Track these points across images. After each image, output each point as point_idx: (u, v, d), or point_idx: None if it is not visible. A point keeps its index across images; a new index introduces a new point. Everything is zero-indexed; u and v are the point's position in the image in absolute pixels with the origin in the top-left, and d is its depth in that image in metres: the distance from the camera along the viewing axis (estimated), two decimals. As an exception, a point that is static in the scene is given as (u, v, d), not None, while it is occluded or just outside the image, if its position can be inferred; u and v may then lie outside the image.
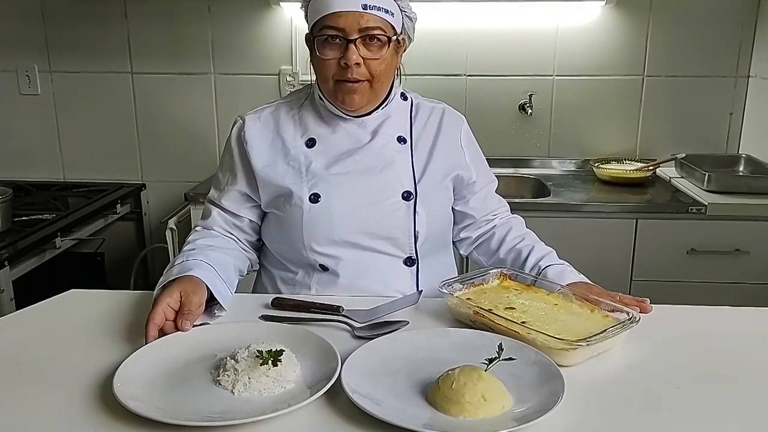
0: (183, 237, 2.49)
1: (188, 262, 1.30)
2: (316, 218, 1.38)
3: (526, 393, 0.97)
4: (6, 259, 2.05)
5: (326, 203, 1.38)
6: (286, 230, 1.43)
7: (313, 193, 1.39)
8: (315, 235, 1.39)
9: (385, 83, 1.40)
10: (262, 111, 1.48)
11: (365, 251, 1.41)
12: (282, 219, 1.43)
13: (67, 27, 2.87)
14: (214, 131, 2.95)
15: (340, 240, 1.40)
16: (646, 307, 1.28)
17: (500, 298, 1.27)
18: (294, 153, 1.43)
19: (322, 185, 1.39)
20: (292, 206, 1.40)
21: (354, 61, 1.31)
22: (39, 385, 1.02)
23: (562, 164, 2.89)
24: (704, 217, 2.32)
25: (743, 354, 1.15)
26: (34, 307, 1.32)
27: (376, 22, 1.32)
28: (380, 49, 1.34)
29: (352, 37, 1.31)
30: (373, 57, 1.33)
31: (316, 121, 1.45)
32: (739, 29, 2.73)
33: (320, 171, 1.40)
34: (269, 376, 0.99)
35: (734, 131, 2.84)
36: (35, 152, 3.01)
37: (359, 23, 1.31)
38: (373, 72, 1.34)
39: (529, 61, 2.81)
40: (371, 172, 1.41)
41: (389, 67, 1.38)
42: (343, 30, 1.31)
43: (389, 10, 1.34)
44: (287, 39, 2.82)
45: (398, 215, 1.41)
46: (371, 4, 1.31)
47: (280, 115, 1.47)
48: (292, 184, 1.40)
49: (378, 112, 1.45)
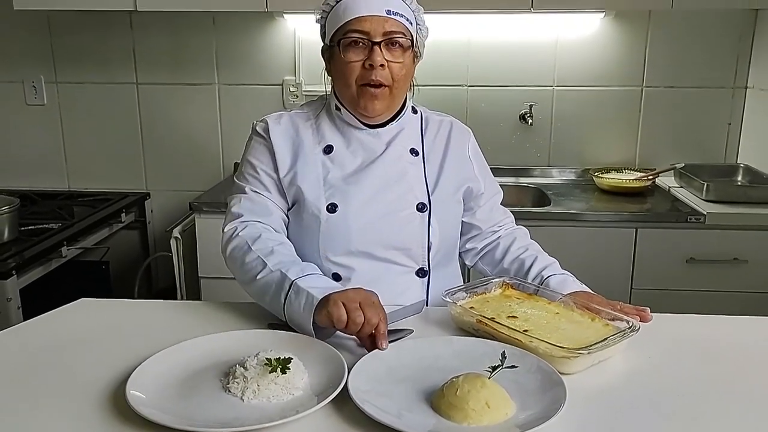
0: (187, 246, 2.52)
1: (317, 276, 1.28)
2: (333, 228, 1.41)
3: (528, 400, 0.99)
4: (13, 268, 2.07)
5: (343, 213, 1.41)
6: (303, 238, 1.44)
7: (330, 203, 1.41)
8: (331, 244, 1.42)
9: (403, 89, 1.44)
10: (280, 116, 1.50)
11: (379, 262, 1.43)
12: (298, 227, 1.45)
13: (73, 38, 2.91)
14: (218, 141, 2.97)
15: (355, 250, 1.42)
16: (647, 316, 1.29)
17: (503, 307, 1.29)
18: (313, 159, 1.45)
19: (339, 196, 1.42)
20: (310, 215, 1.42)
21: (379, 62, 1.36)
22: (51, 393, 1.04)
23: (562, 173, 2.92)
24: (703, 227, 2.34)
25: (742, 362, 1.16)
26: (45, 316, 1.34)
27: (399, 27, 1.37)
28: (402, 54, 1.39)
29: (377, 39, 1.36)
30: (396, 60, 1.38)
31: (332, 131, 1.48)
32: (736, 41, 2.77)
33: (337, 182, 1.43)
34: (278, 383, 1.02)
35: (732, 141, 2.87)
36: (41, 162, 3.04)
37: (384, 27, 1.36)
38: (395, 76, 1.38)
39: (530, 72, 2.84)
40: (386, 184, 1.44)
41: (408, 73, 1.42)
42: (369, 33, 1.36)
43: (409, 18, 1.40)
44: (290, 50, 2.85)
45: (413, 226, 1.43)
46: (394, 10, 1.37)
47: (299, 122, 1.50)
48: (309, 191, 1.42)
49: (393, 124, 1.48)
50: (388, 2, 1.37)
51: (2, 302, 2.03)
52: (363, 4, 1.36)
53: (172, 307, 1.46)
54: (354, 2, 1.37)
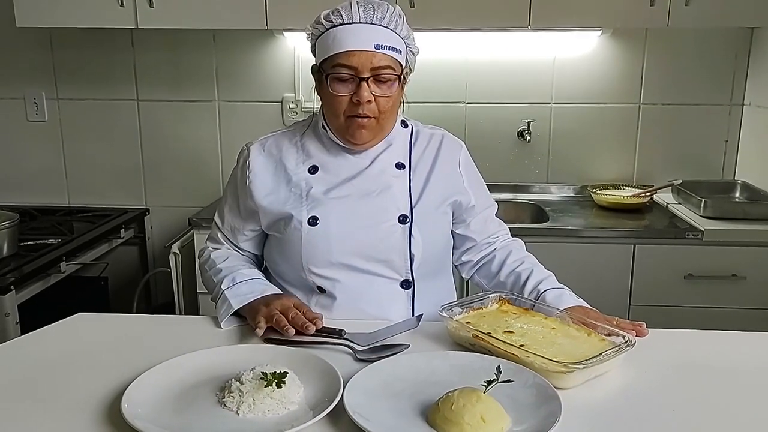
0: (186, 262, 2.53)
1: (257, 281, 1.46)
2: (314, 240, 1.42)
3: (524, 414, 0.99)
4: (12, 283, 2.07)
5: (324, 226, 1.42)
6: (286, 252, 1.46)
7: (311, 216, 1.42)
8: (313, 257, 1.43)
9: (390, 119, 1.45)
10: (266, 140, 1.53)
11: (362, 274, 1.44)
12: (281, 241, 1.47)
13: (75, 55, 2.93)
14: (218, 157, 2.99)
15: (337, 262, 1.43)
16: (643, 331, 1.30)
17: (499, 322, 1.29)
18: (296, 180, 1.47)
19: (321, 209, 1.43)
20: (292, 229, 1.43)
21: (366, 99, 1.36)
22: (48, 407, 1.04)
23: (560, 190, 2.93)
24: (701, 243, 2.35)
25: (739, 378, 1.16)
26: (42, 330, 1.35)
27: (387, 62, 1.37)
28: (390, 87, 1.39)
29: (365, 75, 1.35)
30: (383, 95, 1.38)
31: (318, 148, 1.49)
32: (733, 58, 2.79)
33: (319, 195, 1.44)
34: (273, 397, 1.02)
35: (730, 158, 2.89)
36: (41, 178, 3.06)
37: (371, 62, 1.35)
38: (381, 109, 1.39)
39: (528, 89, 2.86)
40: (368, 196, 1.45)
41: (395, 103, 1.43)
42: (356, 69, 1.35)
43: (398, 49, 1.39)
44: (290, 67, 2.88)
45: (394, 238, 1.44)
46: (383, 44, 1.36)
47: (283, 143, 1.51)
48: (292, 208, 1.44)
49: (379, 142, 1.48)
50: (377, 36, 1.36)
51: (1, 317, 2.03)
52: (351, 39, 1.35)
53: (169, 321, 1.47)
54: (343, 34, 1.36)
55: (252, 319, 1.34)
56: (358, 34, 1.35)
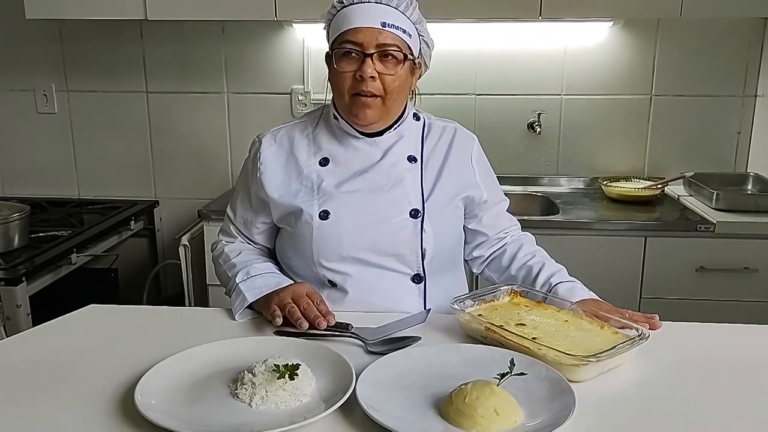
0: (196, 253, 2.53)
1: (272, 275, 1.45)
2: (325, 234, 1.41)
3: (537, 408, 0.99)
4: (23, 274, 2.08)
5: (335, 220, 1.41)
6: (297, 246, 1.46)
7: (322, 210, 1.42)
8: (324, 251, 1.42)
9: (398, 101, 1.43)
10: (277, 131, 1.53)
11: (373, 268, 1.44)
12: (293, 235, 1.46)
13: (84, 47, 2.94)
14: (227, 149, 2.99)
15: (348, 256, 1.42)
16: (656, 324, 1.29)
17: (511, 315, 1.29)
18: (307, 172, 1.46)
19: (332, 203, 1.42)
20: (303, 223, 1.43)
21: (369, 74, 1.36)
22: (61, 398, 1.05)
23: (570, 182, 2.92)
24: (713, 235, 2.33)
25: (752, 371, 1.16)
26: (55, 322, 1.35)
27: (393, 40, 1.37)
28: (395, 66, 1.38)
29: (369, 51, 1.36)
30: (388, 73, 1.38)
31: (329, 140, 1.49)
32: (746, 49, 2.76)
33: (331, 189, 1.44)
34: (286, 389, 1.02)
35: (742, 150, 2.86)
36: (51, 170, 3.07)
37: (377, 39, 1.36)
38: (386, 87, 1.38)
39: (538, 81, 2.84)
40: (380, 190, 1.44)
41: (403, 85, 1.41)
42: (362, 45, 1.36)
43: (407, 31, 1.39)
44: (299, 59, 2.87)
45: (405, 232, 1.43)
46: (390, 22, 1.36)
47: (294, 134, 1.51)
48: (303, 202, 1.44)
49: (390, 132, 1.48)
50: (385, 14, 1.37)
51: (12, 309, 2.04)
52: (359, 16, 1.36)
53: (180, 313, 1.47)
54: (351, 12, 1.37)
55: (266, 310, 1.34)
56: (366, 11, 1.37)
